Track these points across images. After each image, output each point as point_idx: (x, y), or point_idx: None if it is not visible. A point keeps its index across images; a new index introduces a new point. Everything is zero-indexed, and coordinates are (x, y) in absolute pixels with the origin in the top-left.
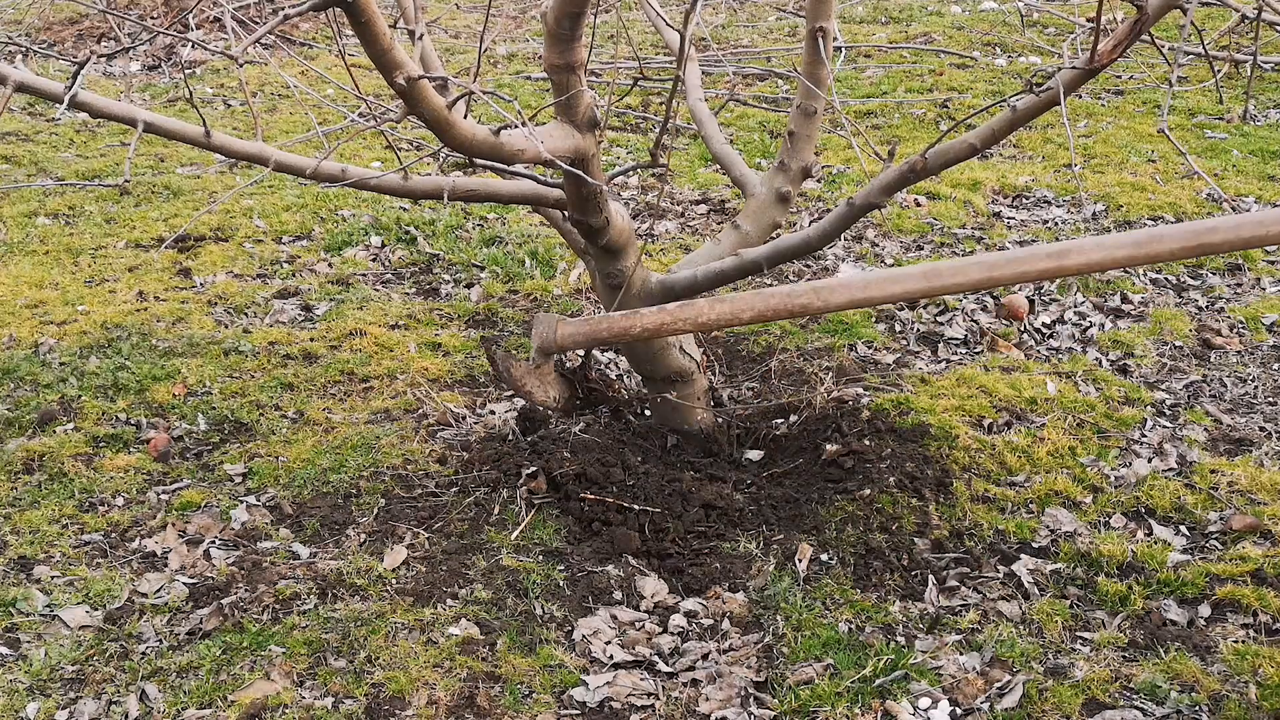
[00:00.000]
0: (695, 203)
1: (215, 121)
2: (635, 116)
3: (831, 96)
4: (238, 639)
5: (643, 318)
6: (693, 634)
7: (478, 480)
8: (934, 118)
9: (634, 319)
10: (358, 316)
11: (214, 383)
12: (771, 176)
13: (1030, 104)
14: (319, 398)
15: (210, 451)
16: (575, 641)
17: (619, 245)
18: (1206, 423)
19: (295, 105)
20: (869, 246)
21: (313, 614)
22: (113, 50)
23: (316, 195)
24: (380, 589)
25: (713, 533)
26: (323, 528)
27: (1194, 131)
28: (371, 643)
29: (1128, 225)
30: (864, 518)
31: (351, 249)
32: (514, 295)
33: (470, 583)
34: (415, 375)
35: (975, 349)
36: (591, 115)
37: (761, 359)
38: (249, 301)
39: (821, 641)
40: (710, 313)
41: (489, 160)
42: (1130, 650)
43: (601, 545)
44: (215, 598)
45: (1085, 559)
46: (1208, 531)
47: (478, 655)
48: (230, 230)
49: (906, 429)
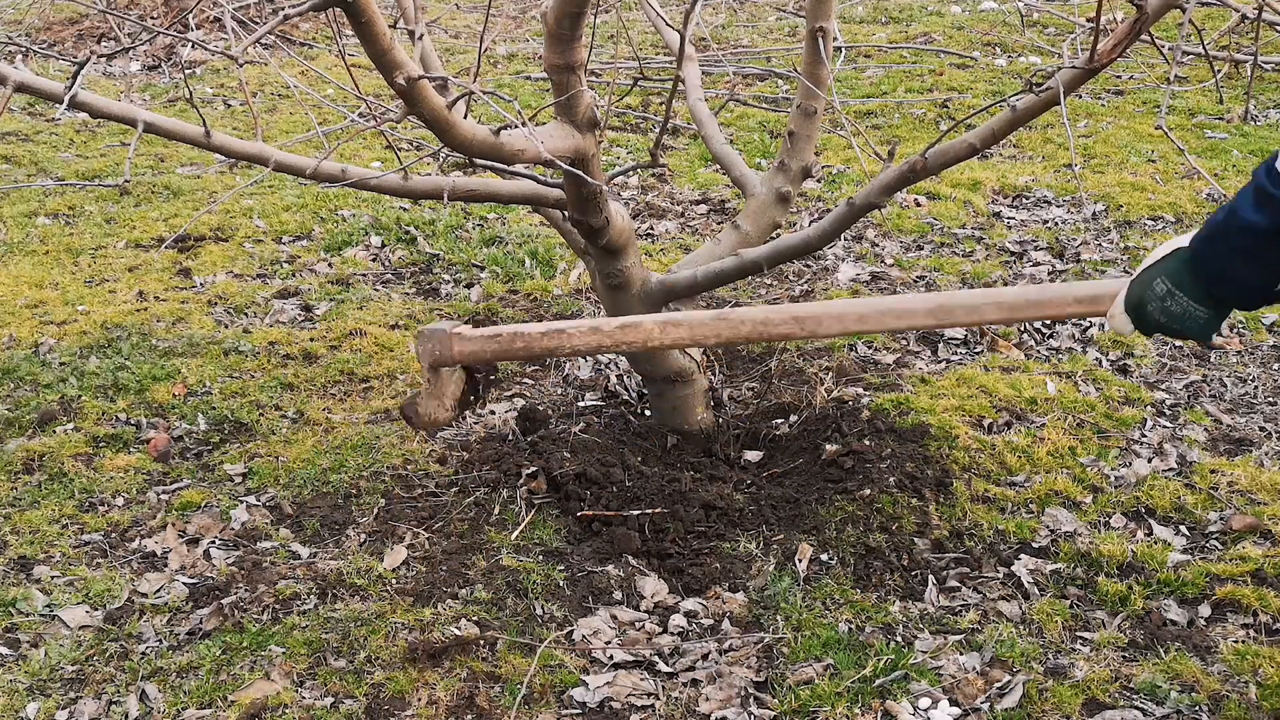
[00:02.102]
0: (695, 203)
1: (215, 121)
2: (635, 116)
3: (831, 96)
4: (238, 639)
5: (571, 337)
6: (693, 634)
7: (478, 480)
8: (934, 118)
9: (561, 338)
10: (358, 316)
11: (214, 383)
12: (771, 176)
13: (1030, 104)
14: (319, 398)
15: (210, 451)
16: (575, 641)
17: (619, 245)
18: (1206, 423)
19: (295, 105)
20: (869, 246)
21: (313, 614)
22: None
23: (316, 195)
24: (380, 589)
25: (713, 533)
26: (323, 528)
27: (1194, 131)
28: (371, 642)
29: (1127, 225)
30: (864, 518)
31: (351, 249)
32: (514, 295)
33: (470, 583)
34: (415, 375)
35: (975, 349)
36: (591, 115)
37: (761, 359)
38: (249, 301)
39: (821, 641)
40: (661, 336)
41: (489, 160)
42: (1130, 650)
43: (601, 545)
44: (215, 598)
45: (1085, 559)
46: (1208, 531)
47: (478, 655)
48: (230, 230)
49: (906, 429)
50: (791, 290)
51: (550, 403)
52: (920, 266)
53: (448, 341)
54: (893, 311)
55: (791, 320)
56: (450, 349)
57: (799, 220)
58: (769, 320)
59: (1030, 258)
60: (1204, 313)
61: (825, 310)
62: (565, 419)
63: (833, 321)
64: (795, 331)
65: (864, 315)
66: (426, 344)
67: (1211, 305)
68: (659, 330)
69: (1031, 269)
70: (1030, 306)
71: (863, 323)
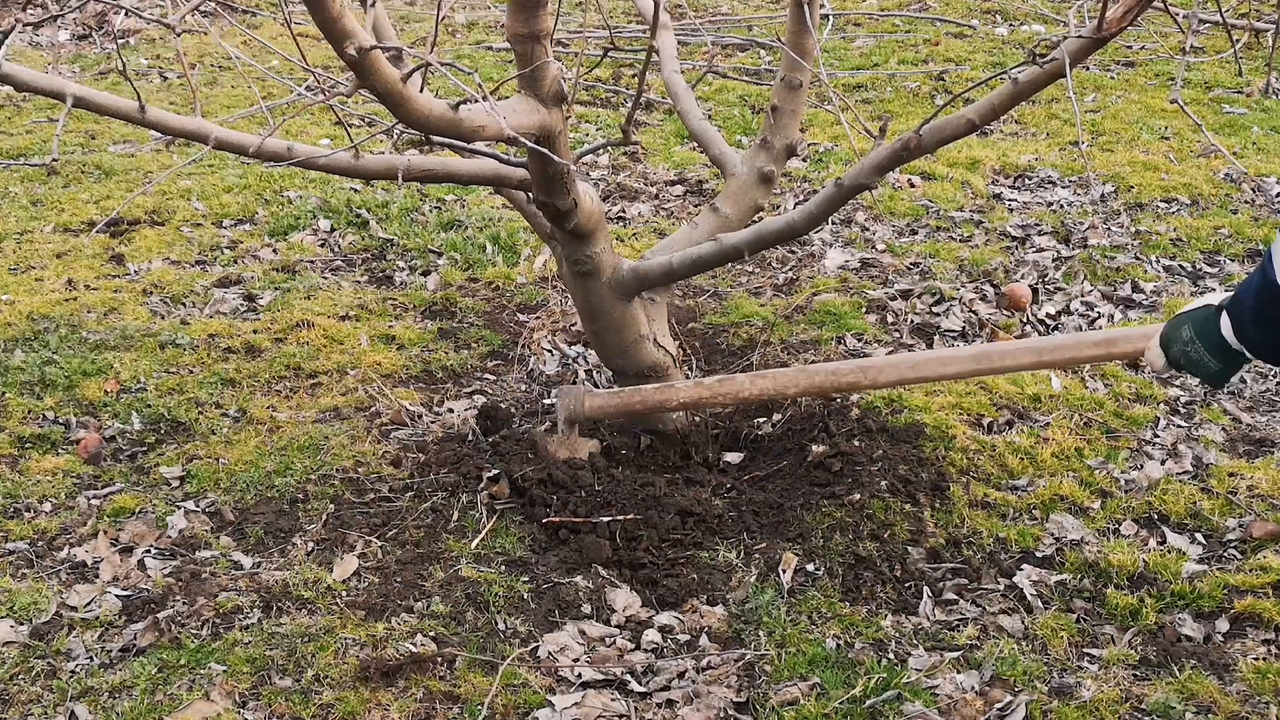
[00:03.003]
0: (670, 183)
1: (151, 95)
2: (606, 90)
3: (818, 68)
4: (175, 656)
5: (679, 391)
6: (668, 651)
7: (435, 484)
8: (929, 91)
9: (670, 393)
10: (305, 307)
11: (149, 378)
12: (753, 155)
13: (1033, 76)
14: (263, 394)
15: (145, 453)
16: (540, 659)
17: (587, 229)
18: (1224, 422)
19: (237, 78)
20: (859, 231)
21: (256, 629)
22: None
23: (260, 175)
24: (329, 602)
25: (689, 541)
26: (267, 535)
27: (1211, 106)
28: (320, 660)
29: (1139, 208)
30: (853, 525)
31: (298, 233)
32: (474, 284)
33: (427, 595)
34: (367, 370)
35: (974, 342)
36: (558, 89)
37: (743, 353)
38: (187, 290)
39: (807, 659)
40: (752, 388)
41: (447, 138)
42: (1142, 668)
43: (569, 555)
44: (150, 611)
45: (1093, 569)
46: (1226, 540)
47: (435, 674)
48: (167, 213)
49: (899, 428)
50: (775, 278)
51: (514, 400)
52: (914, 252)
53: (581, 399)
54: (940, 360)
55: (858, 370)
56: (583, 405)
57: (783, 202)
58: (839, 371)
59: (1033, 243)
60: (1215, 365)
61: (886, 362)
62: (530, 418)
63: (891, 371)
64: (860, 380)
65: (917, 364)
66: (565, 400)
67: (1225, 360)
68: (749, 383)
69: (1035, 255)
70: (1058, 351)
71: (917, 370)
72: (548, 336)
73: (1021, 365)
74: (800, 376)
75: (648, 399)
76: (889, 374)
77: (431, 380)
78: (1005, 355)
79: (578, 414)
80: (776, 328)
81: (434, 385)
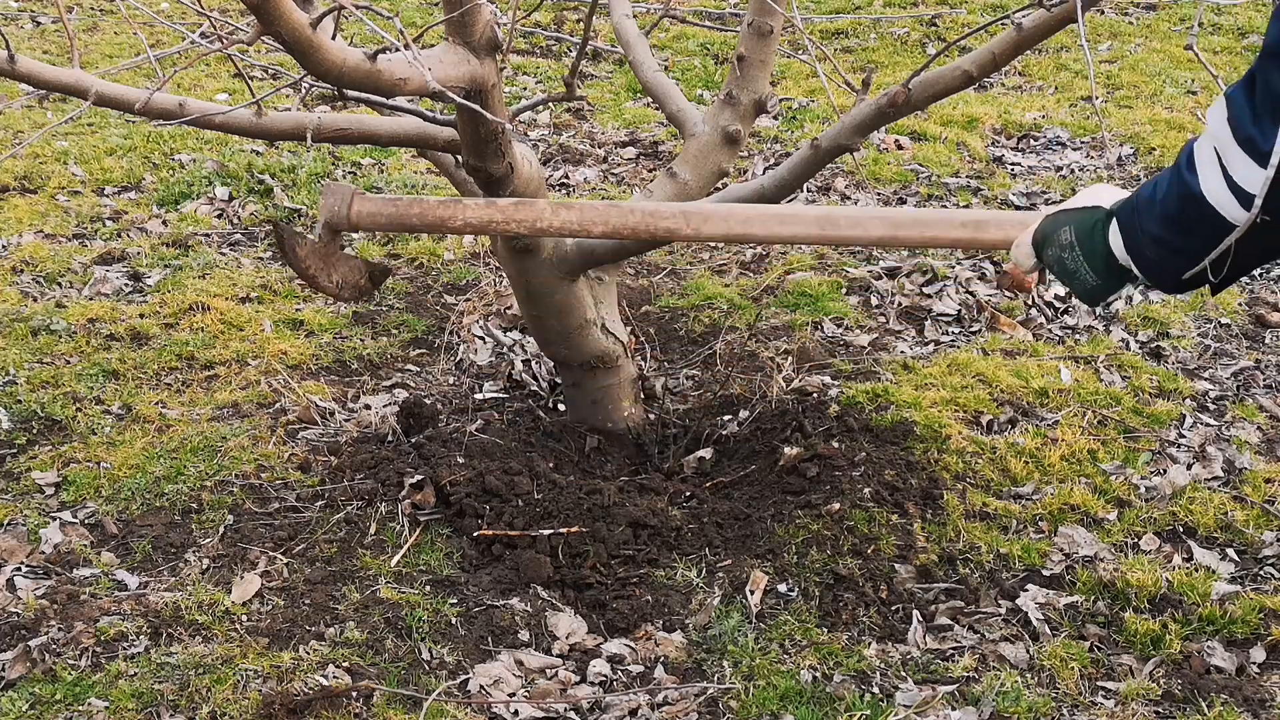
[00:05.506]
0: (621, 145)
1: (21, 44)
2: (546, 38)
3: (792, 12)
4: (50, 690)
5: (465, 209)
6: (618, 684)
7: (349, 492)
8: (919, 39)
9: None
10: (199, 287)
11: (19, 370)
12: (716, 112)
13: (1040, 21)
14: (151, 389)
15: (14, 456)
16: (471, 693)
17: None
18: (1260, 419)
19: (121, 23)
20: (839, 199)
21: (143, 659)
22: None
23: (148, 136)
24: (227, 628)
25: (643, 557)
26: (155, 551)
27: (1244, 56)
28: (216, 695)
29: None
30: (832, 539)
31: (191, 202)
32: (395, 260)
33: (340, 620)
34: (271, 360)
35: (971, 328)
36: (491, 35)
37: (704, 340)
38: (63, 269)
39: (779, 693)
40: (553, 218)
41: (363, 92)
42: (1165, 704)
43: (504, 573)
44: (21, 639)
45: (1108, 590)
46: (1261, 556)
47: (349, 710)
48: (40, 179)
49: (885, 427)
50: (742, 254)
51: (440, 395)
52: None
53: (348, 199)
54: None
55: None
56: (349, 207)
57: (750, 166)
58: (657, 213)
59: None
60: (1094, 280)
61: (714, 210)
62: (459, 415)
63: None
64: (681, 227)
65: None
66: (328, 199)
67: (1107, 277)
68: (550, 211)
69: None
70: (916, 226)
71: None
72: (479, 321)
73: (871, 237)
74: (612, 213)
75: (427, 213)
76: (716, 225)
77: (345, 372)
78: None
79: (340, 218)
80: (743, 311)
81: (348, 378)
